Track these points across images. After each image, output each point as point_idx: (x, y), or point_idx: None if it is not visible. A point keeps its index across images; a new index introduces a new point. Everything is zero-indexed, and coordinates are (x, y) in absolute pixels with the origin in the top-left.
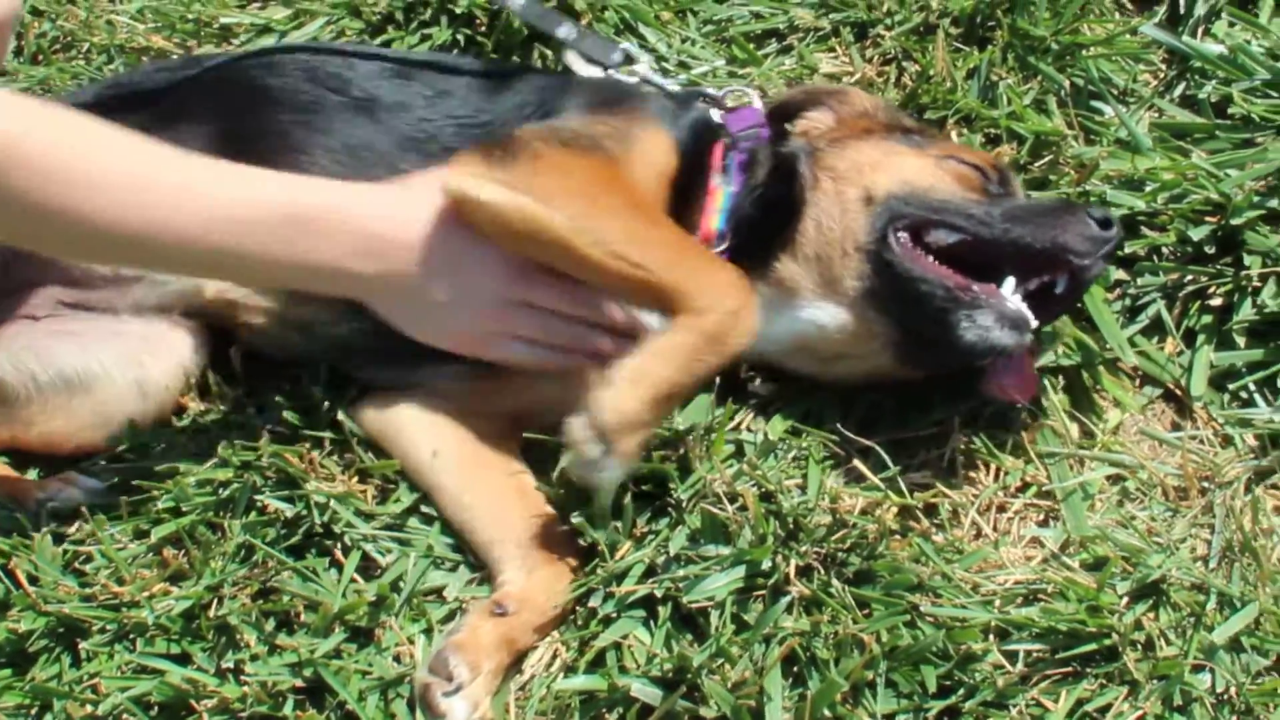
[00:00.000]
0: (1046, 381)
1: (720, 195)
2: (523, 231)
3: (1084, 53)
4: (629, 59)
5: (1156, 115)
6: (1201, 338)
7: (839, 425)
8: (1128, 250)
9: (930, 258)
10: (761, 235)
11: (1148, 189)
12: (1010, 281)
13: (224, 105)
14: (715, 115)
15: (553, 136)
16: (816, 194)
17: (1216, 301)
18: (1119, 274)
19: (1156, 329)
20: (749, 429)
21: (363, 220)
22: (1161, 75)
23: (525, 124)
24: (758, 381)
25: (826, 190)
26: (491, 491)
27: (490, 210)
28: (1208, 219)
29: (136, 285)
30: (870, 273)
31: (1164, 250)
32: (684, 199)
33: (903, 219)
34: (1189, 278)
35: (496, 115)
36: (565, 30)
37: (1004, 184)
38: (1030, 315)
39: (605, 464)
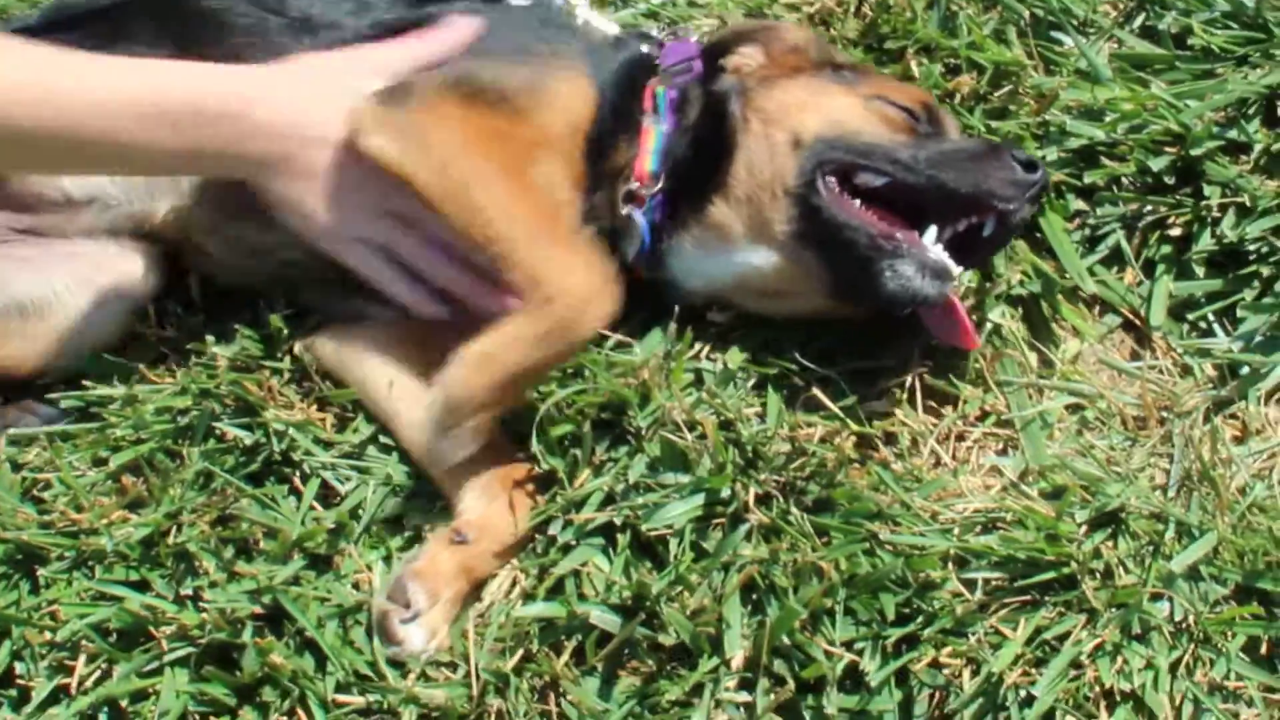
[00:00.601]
0: (1005, 311)
1: (652, 135)
2: (401, 182)
3: None
4: (569, 5)
5: (1116, 46)
6: (1161, 268)
7: (797, 355)
8: (1087, 181)
9: (858, 202)
10: (697, 176)
11: (1107, 119)
12: (932, 230)
13: (166, 29)
14: (653, 54)
15: (457, 85)
16: (746, 136)
17: (1176, 232)
18: (1078, 204)
19: (1116, 259)
20: (708, 358)
21: (256, 105)
22: (1121, 6)
23: None
24: (715, 310)
25: (756, 132)
26: None
27: (373, 157)
28: (1167, 149)
29: (86, 210)
30: (799, 216)
31: (1123, 180)
32: (610, 143)
33: (830, 163)
34: (1148, 208)
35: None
36: None
37: (934, 123)
38: (952, 264)
39: (450, 441)
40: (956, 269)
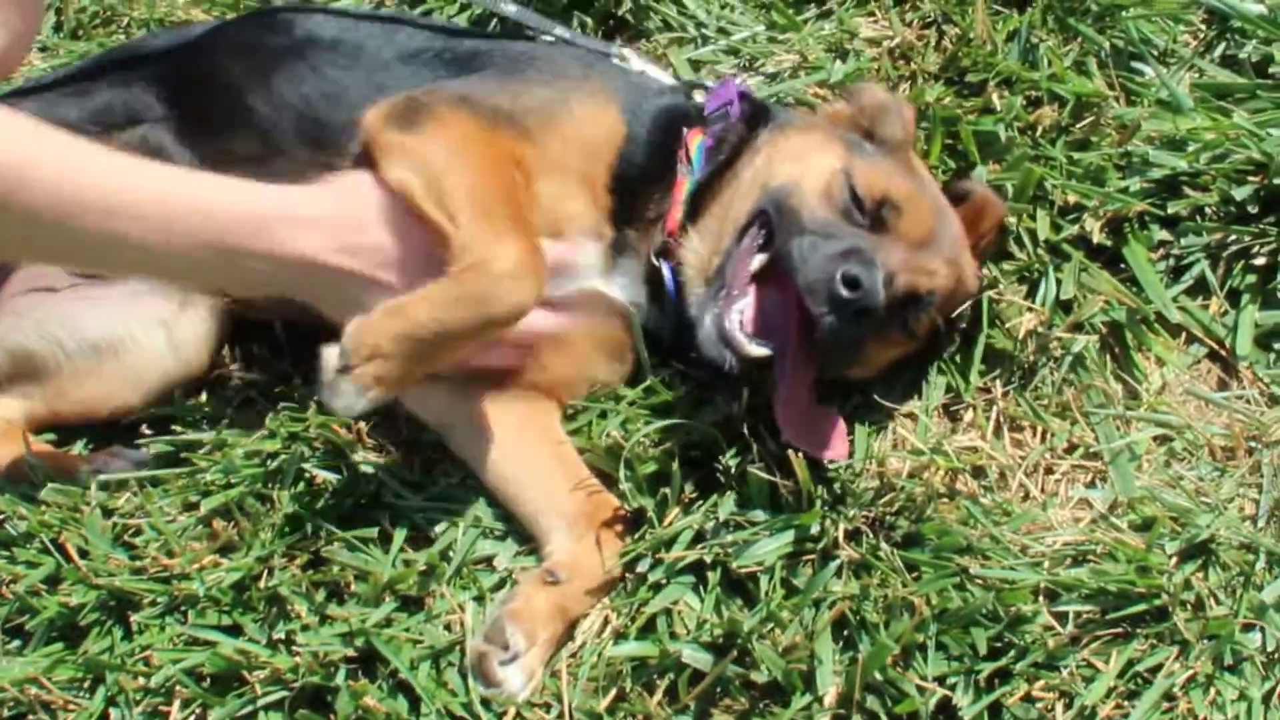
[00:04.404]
0: (1088, 343)
1: (685, 187)
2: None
3: (1124, 13)
4: (621, 58)
5: (1197, 75)
6: (1246, 297)
7: (876, 396)
8: (1170, 210)
9: (759, 259)
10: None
11: (1190, 149)
12: (744, 301)
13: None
14: (699, 103)
15: (465, 103)
16: (748, 169)
17: (1260, 261)
18: (1162, 234)
19: (1201, 289)
20: None
21: (330, 219)
22: (1201, 35)
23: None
24: None
25: (756, 165)
26: (534, 461)
27: (396, 188)
28: (1250, 179)
29: None
30: (725, 254)
31: (1207, 210)
32: (644, 190)
33: (763, 215)
34: (1232, 237)
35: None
36: (561, 33)
37: (877, 222)
38: (744, 341)
39: (342, 387)
40: (750, 347)
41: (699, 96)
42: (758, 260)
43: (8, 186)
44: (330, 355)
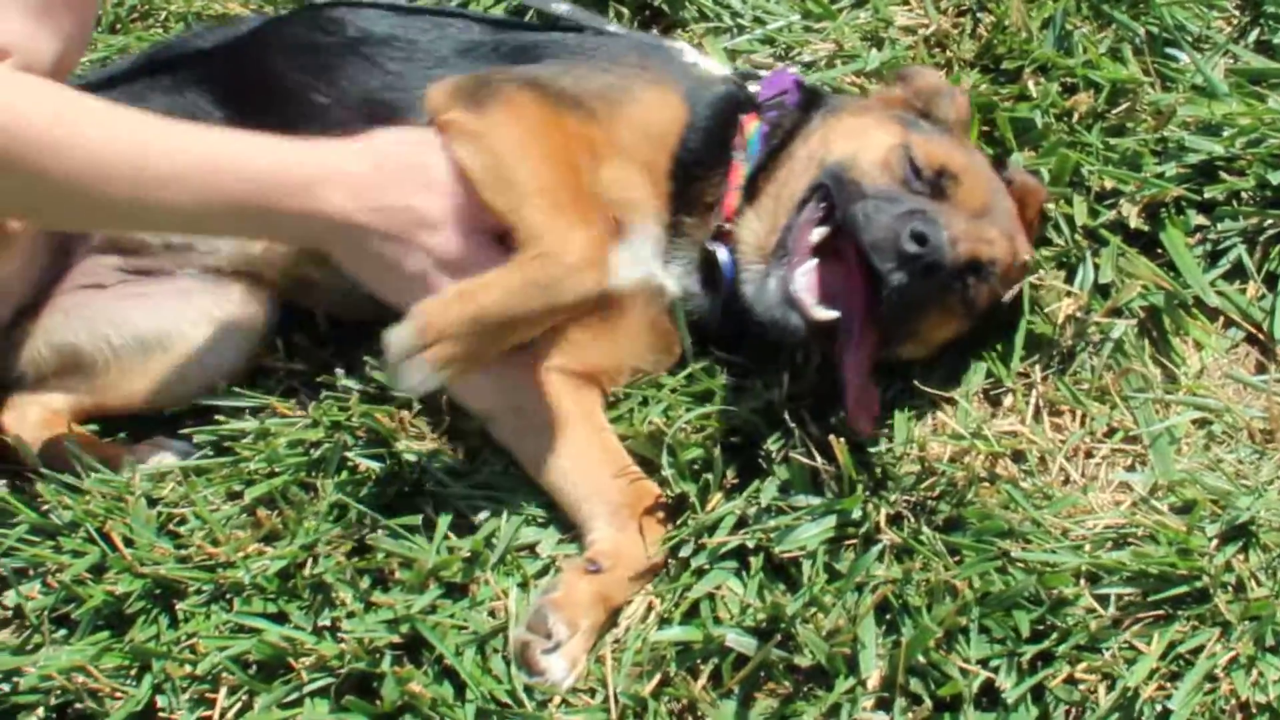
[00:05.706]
0: (1127, 327)
1: (742, 172)
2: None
3: (1157, 0)
4: (676, 50)
5: (1232, 61)
6: None
7: (916, 382)
8: (1206, 195)
9: (821, 229)
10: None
11: (1225, 134)
12: (809, 263)
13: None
14: (754, 91)
15: (534, 85)
16: (803, 148)
17: None
18: (1199, 219)
19: (1238, 273)
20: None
21: (367, 179)
22: (1235, 21)
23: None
24: None
25: (811, 144)
26: (577, 449)
27: (462, 167)
28: None
29: (187, 251)
30: (785, 227)
31: (1243, 195)
32: (701, 175)
33: (823, 189)
34: (1269, 221)
35: (501, 40)
36: (613, 28)
37: (937, 189)
38: (808, 303)
39: (409, 366)
40: (817, 310)
41: (753, 87)
42: (818, 233)
43: (44, 152)
44: (398, 336)
